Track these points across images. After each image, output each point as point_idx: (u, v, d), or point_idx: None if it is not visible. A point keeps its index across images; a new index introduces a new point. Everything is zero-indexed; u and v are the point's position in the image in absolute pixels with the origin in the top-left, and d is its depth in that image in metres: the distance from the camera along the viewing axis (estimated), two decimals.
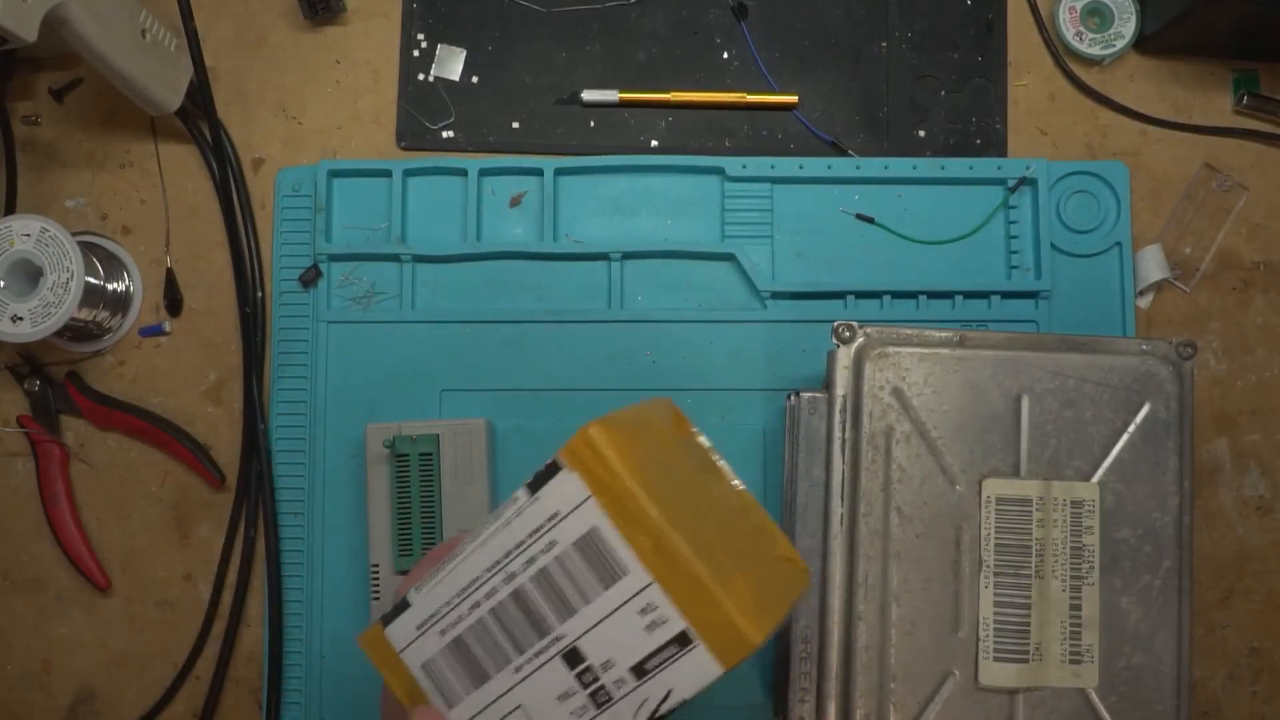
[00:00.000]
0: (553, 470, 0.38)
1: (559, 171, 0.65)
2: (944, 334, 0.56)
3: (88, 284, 0.61)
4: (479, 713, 0.40)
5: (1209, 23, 0.62)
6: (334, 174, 0.65)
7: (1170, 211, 0.66)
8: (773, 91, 0.66)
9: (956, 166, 0.65)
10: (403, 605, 0.41)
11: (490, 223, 0.65)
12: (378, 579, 0.60)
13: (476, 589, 0.40)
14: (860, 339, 0.55)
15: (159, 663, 0.65)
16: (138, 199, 0.67)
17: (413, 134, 0.66)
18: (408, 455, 0.60)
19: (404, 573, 0.60)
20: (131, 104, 0.62)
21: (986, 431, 0.54)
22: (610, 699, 0.38)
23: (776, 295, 0.64)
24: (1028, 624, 0.53)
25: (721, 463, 0.45)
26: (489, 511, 0.60)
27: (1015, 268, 0.65)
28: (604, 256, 0.65)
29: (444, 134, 0.66)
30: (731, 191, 0.65)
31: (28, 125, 0.67)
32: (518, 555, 0.39)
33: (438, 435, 0.60)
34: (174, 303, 0.66)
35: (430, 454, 0.60)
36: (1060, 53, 0.67)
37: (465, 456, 0.60)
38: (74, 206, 0.67)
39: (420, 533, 0.60)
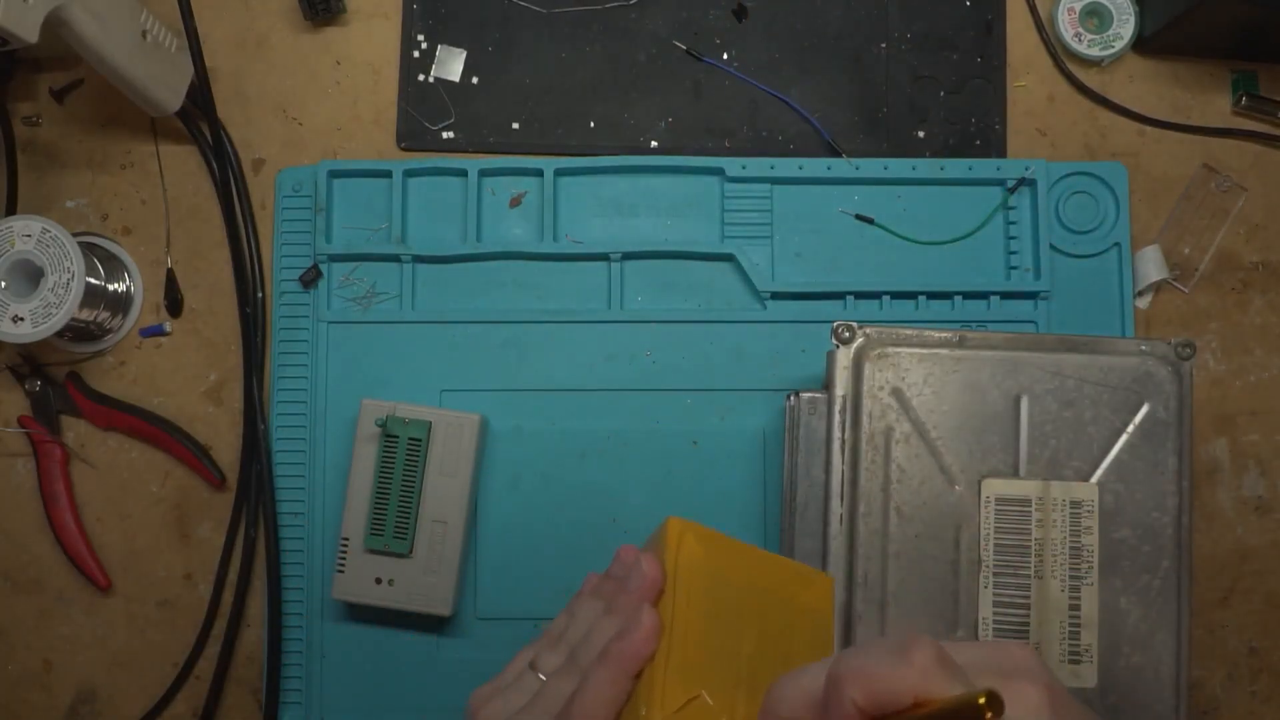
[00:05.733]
0: None
1: (559, 172, 0.65)
2: (943, 334, 0.56)
3: (88, 284, 0.61)
4: None
5: (1208, 23, 0.63)
6: (334, 174, 0.65)
7: (1169, 212, 0.66)
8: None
9: (956, 167, 0.65)
10: None
11: (490, 223, 0.65)
12: (345, 553, 0.60)
13: None
14: (860, 339, 0.55)
15: (159, 663, 0.65)
16: (138, 199, 0.67)
17: (413, 134, 0.66)
18: (397, 437, 0.60)
19: (372, 550, 0.60)
20: (132, 104, 0.62)
21: (986, 432, 0.54)
22: None
23: (776, 295, 0.64)
24: (1027, 624, 0.53)
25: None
26: (467, 507, 0.61)
27: (1014, 268, 0.65)
28: (604, 257, 0.65)
29: (444, 134, 0.66)
30: (731, 192, 0.65)
31: (28, 126, 0.67)
32: None
33: (430, 423, 0.60)
34: (174, 303, 0.66)
35: (419, 440, 0.60)
36: (1059, 54, 0.67)
37: (454, 449, 0.60)
38: (74, 207, 0.67)
39: (395, 516, 0.60)
